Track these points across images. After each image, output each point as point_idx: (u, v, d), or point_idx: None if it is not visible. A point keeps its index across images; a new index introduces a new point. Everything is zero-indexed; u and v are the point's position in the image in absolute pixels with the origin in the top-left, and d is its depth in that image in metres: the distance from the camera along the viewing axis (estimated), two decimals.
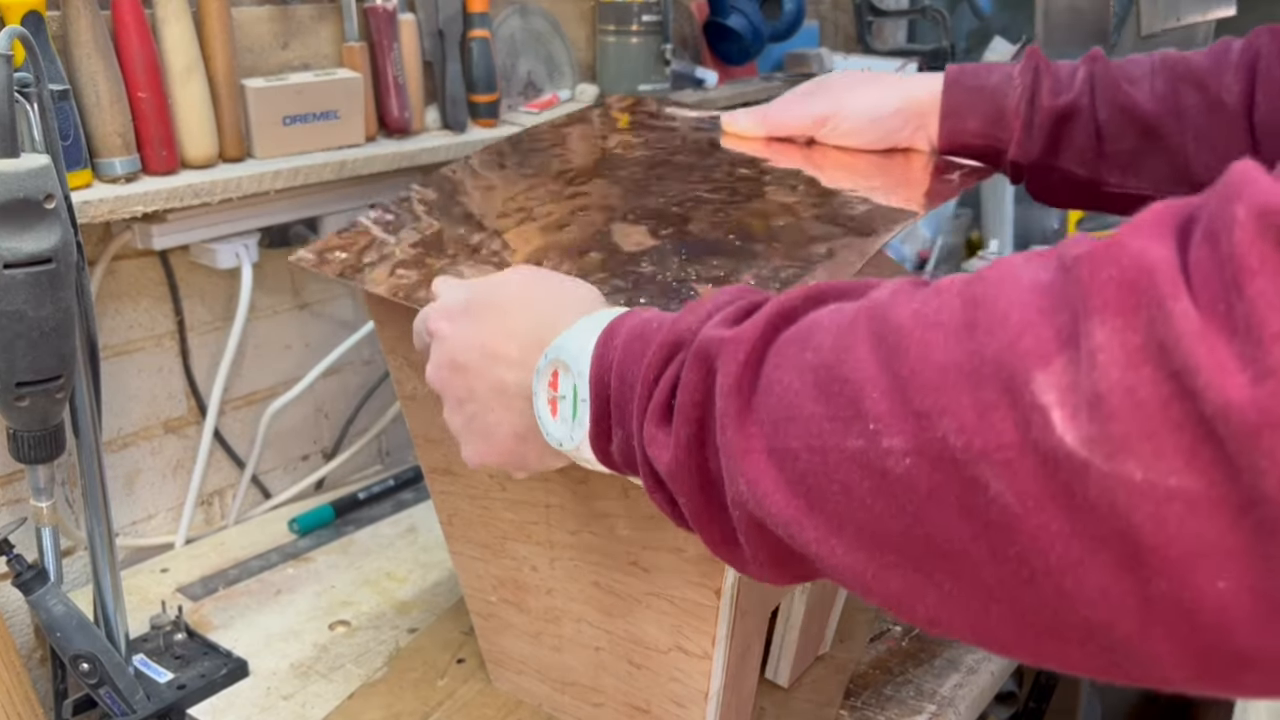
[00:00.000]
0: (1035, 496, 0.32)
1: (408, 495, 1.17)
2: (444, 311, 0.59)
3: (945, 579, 0.36)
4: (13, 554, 0.78)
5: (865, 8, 1.70)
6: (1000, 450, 0.32)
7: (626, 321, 0.51)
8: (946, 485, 0.34)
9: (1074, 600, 0.32)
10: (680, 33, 1.48)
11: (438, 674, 0.86)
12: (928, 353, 0.35)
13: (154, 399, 1.04)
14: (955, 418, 0.34)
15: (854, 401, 0.37)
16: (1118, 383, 0.30)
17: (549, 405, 0.53)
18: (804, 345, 0.40)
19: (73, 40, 0.86)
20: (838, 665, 0.86)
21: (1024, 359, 0.32)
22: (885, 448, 0.36)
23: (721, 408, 0.42)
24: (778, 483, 0.40)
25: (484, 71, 1.16)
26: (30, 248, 0.67)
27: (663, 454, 0.46)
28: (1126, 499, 0.30)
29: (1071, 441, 0.31)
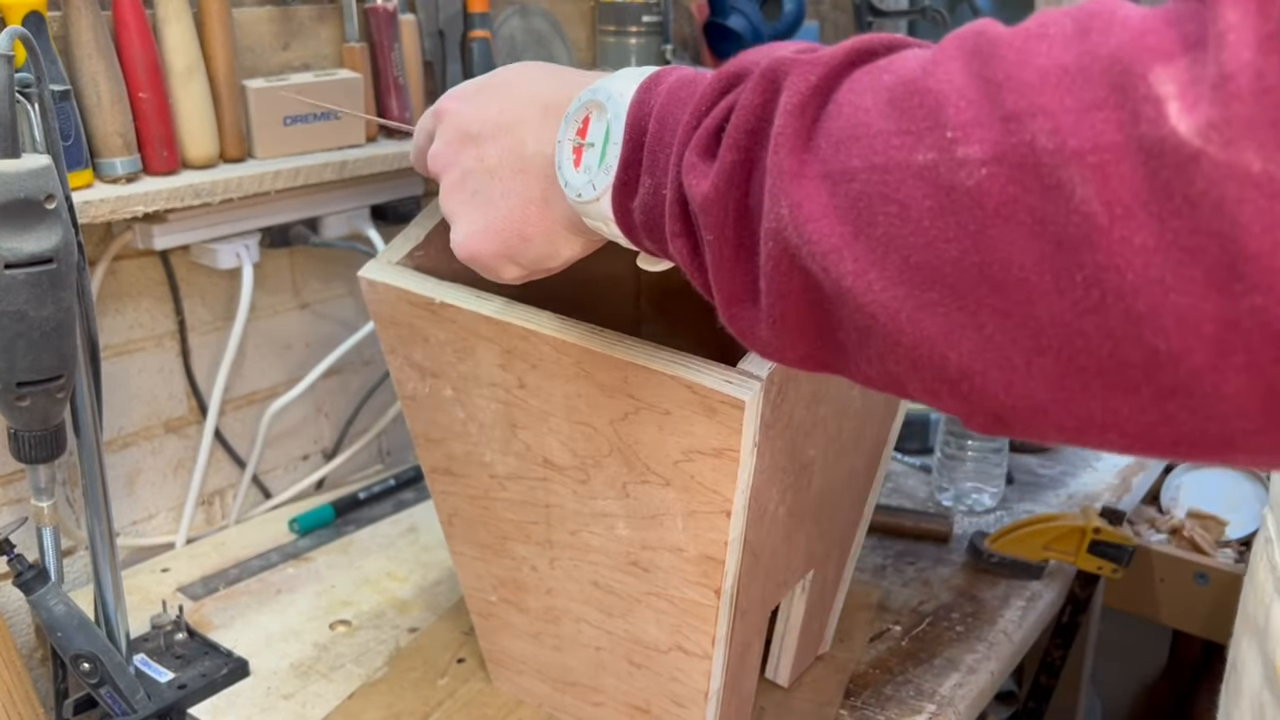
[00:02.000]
0: (1125, 202, 0.29)
1: (408, 495, 1.18)
2: (458, 93, 0.55)
3: (991, 318, 0.33)
4: (13, 554, 0.78)
5: (865, 8, 1.70)
6: (1097, 151, 0.30)
7: (676, 72, 0.47)
8: (1022, 196, 0.31)
9: (1143, 328, 0.30)
10: (680, 33, 1.48)
11: (438, 674, 0.86)
12: (1029, 58, 0.32)
13: (154, 399, 1.05)
14: (1051, 118, 0.31)
15: (933, 112, 0.33)
16: (1247, 64, 0.28)
17: (573, 154, 0.48)
18: (885, 70, 0.37)
19: (74, 40, 0.86)
20: (838, 665, 0.86)
21: (1144, 54, 0.30)
22: (960, 157, 0.32)
23: (780, 126, 0.38)
24: (826, 208, 0.36)
25: (484, 72, 1.16)
26: (31, 248, 0.67)
27: (701, 183, 0.41)
28: (1237, 192, 0.28)
29: (1185, 130, 0.28)
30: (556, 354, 0.64)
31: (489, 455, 0.73)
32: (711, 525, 0.63)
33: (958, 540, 1.06)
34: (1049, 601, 0.99)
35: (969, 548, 1.02)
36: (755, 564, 0.67)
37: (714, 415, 0.59)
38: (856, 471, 0.79)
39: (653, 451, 0.63)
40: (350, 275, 1.17)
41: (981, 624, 0.92)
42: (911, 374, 0.36)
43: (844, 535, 0.83)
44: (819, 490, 0.73)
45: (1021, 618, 0.94)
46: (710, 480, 0.62)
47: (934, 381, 0.35)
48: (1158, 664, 1.56)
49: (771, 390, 0.59)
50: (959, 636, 0.90)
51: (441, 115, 0.56)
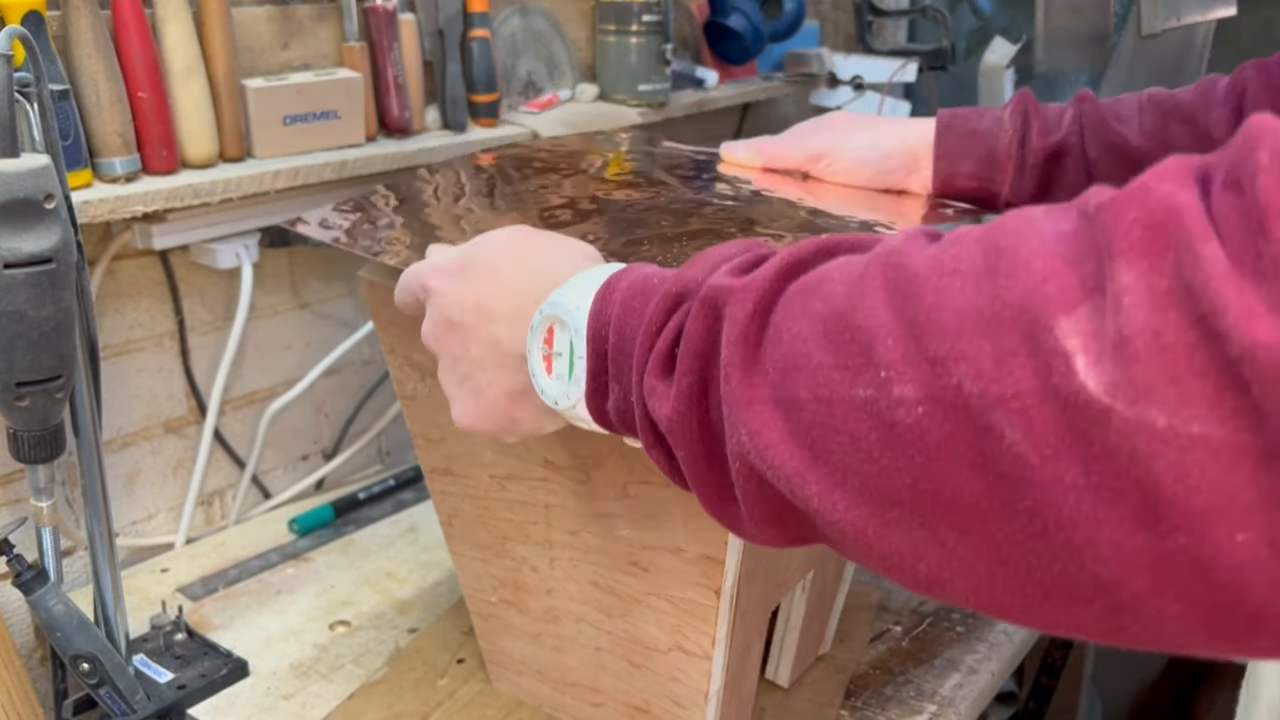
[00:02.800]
0: (1052, 445, 0.31)
1: (408, 495, 1.18)
2: (438, 270, 0.58)
3: (950, 535, 0.35)
4: (13, 554, 0.78)
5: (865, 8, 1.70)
6: (1018, 397, 0.31)
7: (626, 276, 0.49)
8: (958, 435, 0.33)
9: (1085, 556, 0.32)
10: (680, 33, 1.48)
11: (438, 674, 0.86)
12: (945, 299, 0.34)
13: (154, 399, 1.04)
14: (972, 364, 0.33)
15: (865, 349, 0.36)
16: (1144, 325, 0.29)
17: (544, 362, 0.52)
18: (814, 294, 0.39)
19: (73, 40, 0.86)
20: (838, 665, 0.86)
21: (1048, 304, 0.31)
22: (896, 396, 0.34)
23: (727, 356, 0.41)
24: (782, 434, 0.38)
25: (484, 71, 1.16)
26: (30, 248, 0.67)
27: (663, 406, 0.44)
28: (1148, 446, 0.29)
29: (1094, 387, 0.30)
30: None
31: (489, 455, 0.73)
32: (712, 525, 0.63)
33: None
34: None
35: None
36: (755, 564, 0.67)
37: None
38: None
39: None
40: (350, 275, 1.17)
41: (982, 624, 0.92)
42: (887, 574, 0.38)
43: None
44: None
45: None
46: None
47: (908, 583, 0.38)
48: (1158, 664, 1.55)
49: None
50: (959, 637, 0.90)
51: (428, 292, 0.58)
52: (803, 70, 1.63)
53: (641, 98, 1.32)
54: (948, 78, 1.70)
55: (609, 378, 0.49)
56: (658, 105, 1.34)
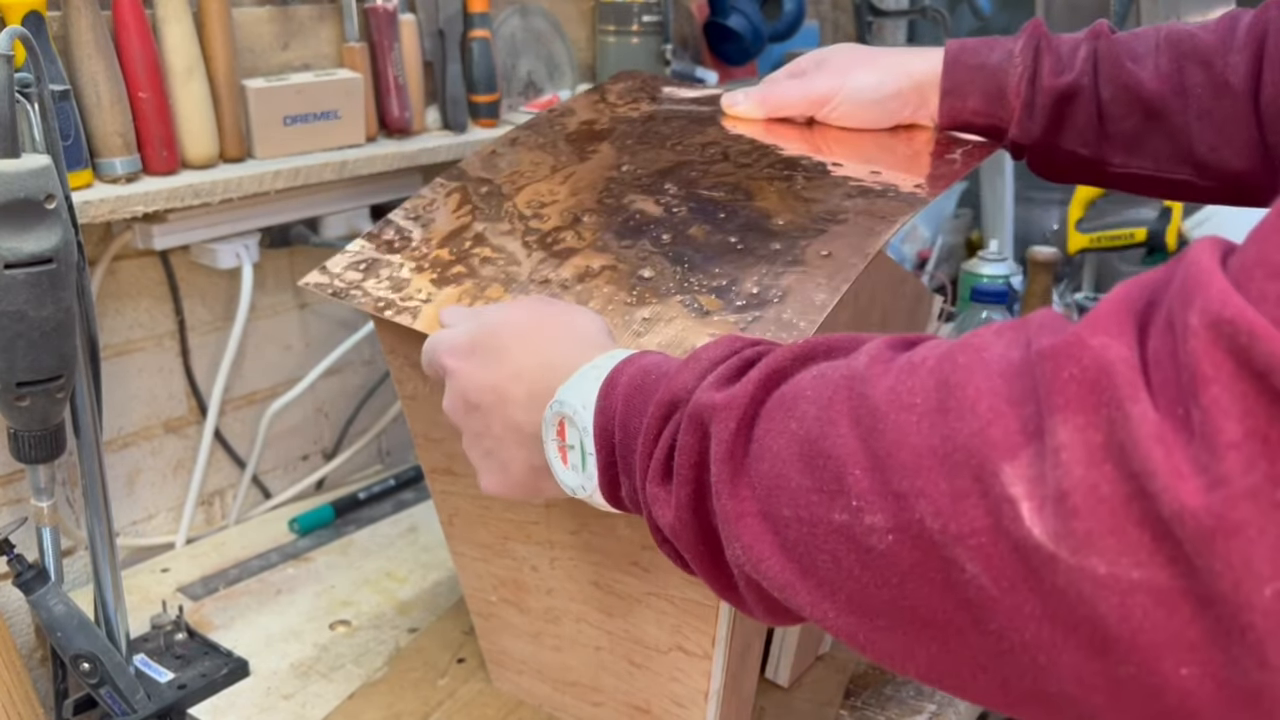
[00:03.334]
0: (1009, 580, 0.33)
1: (408, 495, 1.18)
2: (451, 349, 0.60)
3: (932, 644, 0.37)
4: (13, 554, 0.78)
5: (865, 8, 1.70)
6: (974, 535, 0.34)
7: (625, 372, 0.52)
8: (926, 563, 0.36)
9: (1049, 674, 0.34)
10: (680, 33, 1.48)
11: (438, 674, 0.86)
12: (903, 435, 0.37)
13: (154, 399, 1.05)
14: (931, 501, 0.35)
15: (837, 477, 0.39)
16: (1080, 480, 0.31)
17: (559, 453, 0.55)
18: (790, 413, 0.42)
19: (73, 40, 0.86)
20: (838, 665, 0.86)
21: (992, 449, 0.34)
22: (868, 524, 0.37)
23: (715, 474, 0.44)
24: (772, 547, 0.42)
25: (484, 71, 1.16)
26: (31, 248, 0.67)
27: (665, 513, 0.48)
28: (1092, 591, 0.31)
29: (1039, 534, 0.32)
30: None
31: None
32: None
33: None
34: None
35: None
36: None
37: None
38: None
39: None
40: None
41: None
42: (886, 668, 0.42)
43: None
44: None
45: None
46: None
47: (908, 676, 0.40)
48: None
49: None
50: None
51: (445, 371, 0.60)
52: None
53: None
54: None
55: (619, 472, 0.52)
56: None
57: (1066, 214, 1.53)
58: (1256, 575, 0.29)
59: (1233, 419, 0.29)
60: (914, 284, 0.83)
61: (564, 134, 0.83)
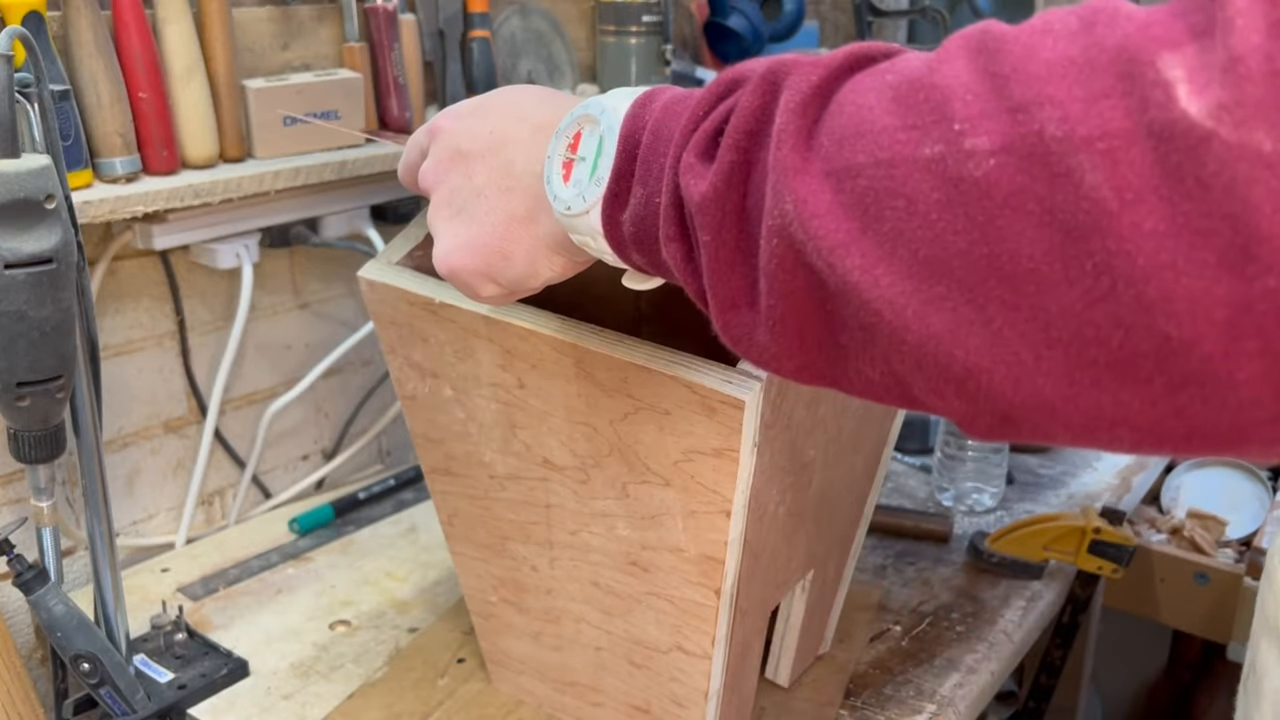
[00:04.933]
0: (1135, 189, 0.29)
1: (408, 495, 1.18)
2: (453, 111, 0.55)
3: (1000, 312, 0.33)
4: (13, 554, 0.78)
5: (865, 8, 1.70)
6: (1106, 137, 0.30)
7: (669, 90, 0.47)
8: (1031, 186, 0.31)
9: (1155, 315, 0.30)
10: (680, 33, 1.48)
11: (438, 674, 0.86)
12: (1035, 51, 0.32)
13: (154, 399, 1.05)
14: (1059, 107, 0.31)
15: (939, 106, 0.34)
16: (1257, 47, 0.28)
17: (563, 169, 0.48)
18: (888, 70, 0.37)
19: (73, 40, 0.86)
20: (838, 665, 0.86)
21: (1151, 43, 0.30)
22: (968, 149, 0.32)
23: (781, 124, 0.38)
24: (830, 204, 0.36)
25: (484, 71, 1.16)
26: (31, 248, 0.67)
27: (699, 183, 0.41)
28: (1249, 173, 0.28)
29: (1196, 112, 0.28)
30: (556, 354, 0.64)
31: (489, 455, 0.73)
32: (711, 525, 0.63)
33: (958, 540, 1.06)
34: (1049, 601, 0.99)
35: (969, 548, 1.02)
36: (755, 564, 0.67)
37: (714, 415, 0.59)
38: (856, 471, 0.79)
39: (653, 451, 0.63)
40: (350, 275, 1.17)
41: (982, 624, 0.92)
42: (916, 374, 0.36)
43: (844, 535, 0.83)
44: (819, 490, 0.73)
45: (1022, 618, 0.94)
46: (710, 480, 0.62)
47: (939, 381, 0.35)
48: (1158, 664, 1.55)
49: (771, 390, 0.59)
50: (959, 636, 0.90)
51: (436, 132, 0.56)
52: None
53: None
54: None
55: (634, 180, 0.46)
56: None
57: None
58: None
59: None
60: None
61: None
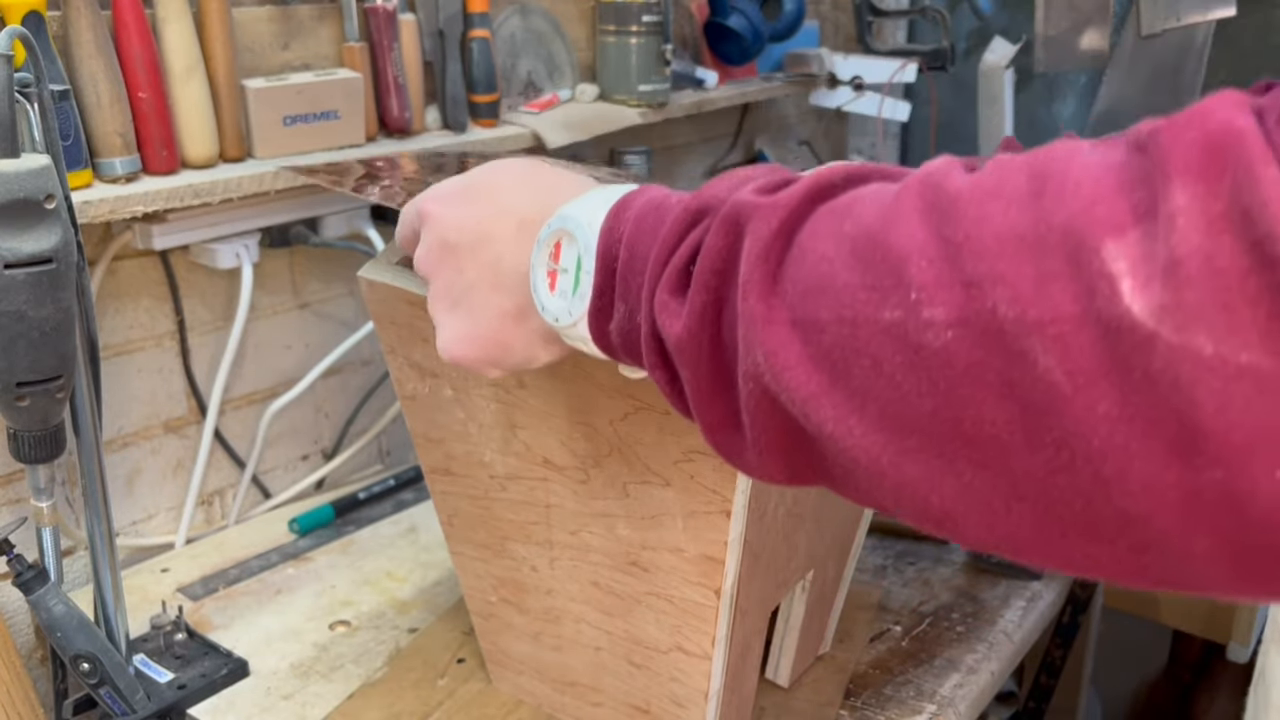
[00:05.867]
0: (1087, 373, 0.30)
1: (408, 495, 1.18)
2: (438, 195, 0.56)
3: (969, 468, 0.34)
4: (13, 554, 0.78)
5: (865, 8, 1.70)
6: (1056, 322, 0.30)
7: (642, 195, 0.48)
8: (988, 361, 0.32)
9: (1111, 490, 0.31)
10: (680, 33, 1.48)
11: (438, 674, 0.86)
12: (985, 221, 0.33)
13: (154, 399, 1.05)
14: (1010, 287, 0.31)
15: (896, 269, 0.34)
16: (1197, 249, 0.28)
17: (548, 278, 0.49)
18: (845, 216, 0.37)
19: (73, 40, 0.86)
20: (838, 665, 0.86)
21: (1095, 227, 0.30)
22: (925, 319, 0.33)
23: (746, 274, 0.39)
24: (800, 356, 0.37)
25: (484, 71, 1.16)
26: (30, 248, 0.67)
27: (674, 323, 0.43)
28: (1191, 374, 0.28)
29: (1139, 311, 0.29)
30: None
31: (489, 455, 0.73)
32: (711, 525, 0.63)
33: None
34: (1049, 601, 0.99)
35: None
36: (755, 564, 0.67)
37: None
38: None
39: (653, 451, 0.63)
40: (350, 275, 1.17)
41: (982, 624, 0.92)
42: (896, 509, 0.37)
43: (844, 535, 0.83)
44: (819, 490, 0.73)
45: (1022, 618, 0.94)
46: (710, 480, 0.62)
47: (919, 518, 0.36)
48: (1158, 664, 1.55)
49: None
50: (959, 637, 0.90)
51: (424, 217, 0.56)
52: (803, 71, 1.63)
53: (641, 98, 1.32)
54: (947, 78, 1.70)
55: (615, 296, 0.47)
56: (658, 105, 1.34)
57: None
58: None
59: None
60: None
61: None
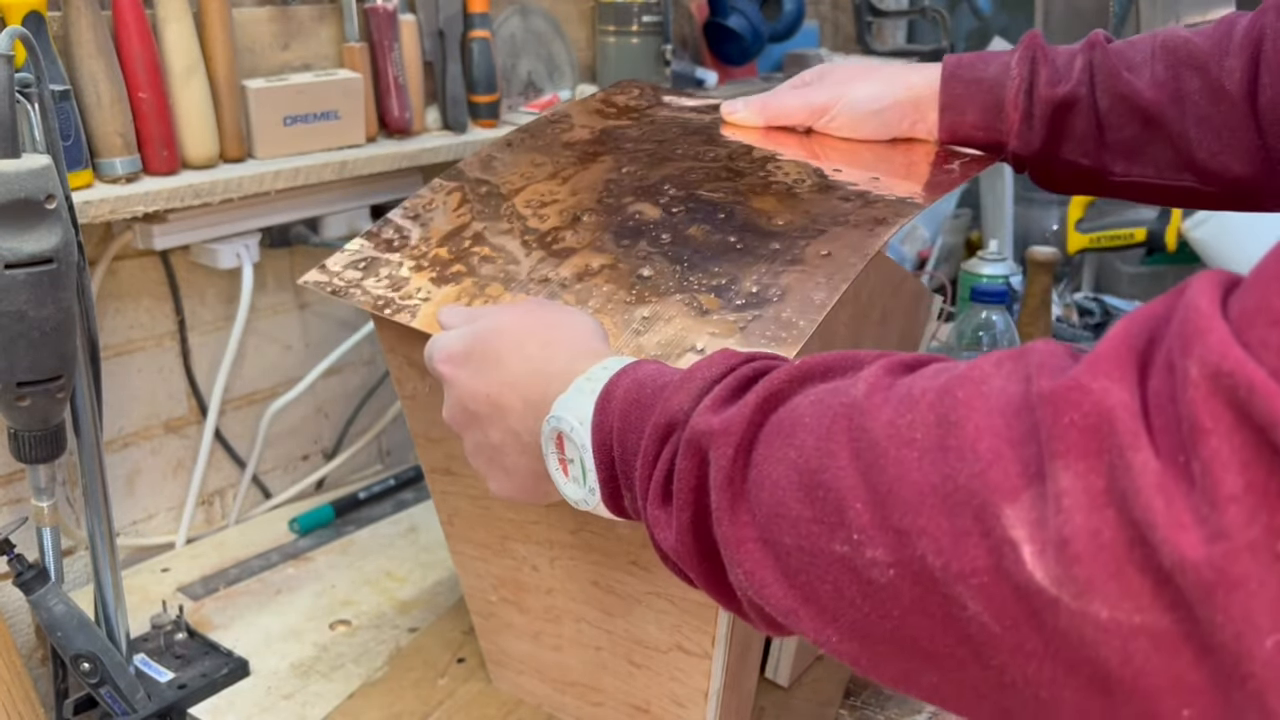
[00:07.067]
0: (1010, 619, 0.34)
1: (408, 495, 1.18)
2: (447, 357, 0.60)
3: (934, 673, 0.38)
4: (13, 554, 0.78)
5: (865, 8, 1.70)
6: (975, 575, 0.34)
7: (620, 385, 0.52)
8: (927, 599, 0.36)
9: (1050, 710, 0.34)
10: (680, 33, 1.48)
11: (438, 674, 0.86)
12: (904, 472, 0.37)
13: (154, 399, 1.05)
14: (933, 539, 0.35)
15: (838, 509, 0.38)
16: (1082, 526, 0.31)
17: (560, 465, 0.54)
18: (789, 441, 0.42)
19: (74, 40, 0.86)
20: (838, 665, 0.86)
21: (993, 491, 0.34)
22: (869, 558, 0.37)
23: (715, 501, 0.44)
24: (774, 573, 0.42)
25: (484, 72, 1.16)
26: (31, 248, 0.67)
27: (666, 535, 0.48)
28: (1094, 635, 0.32)
29: (1041, 578, 0.32)
30: None
31: None
32: None
33: None
34: None
35: None
36: None
37: None
38: None
39: None
40: None
41: None
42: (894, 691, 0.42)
43: None
44: None
45: None
46: None
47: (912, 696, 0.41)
48: None
49: None
50: None
51: (441, 378, 0.60)
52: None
53: None
54: None
55: (620, 485, 0.52)
56: None
57: (1066, 214, 1.53)
58: (1257, 628, 0.29)
59: (1232, 471, 0.29)
60: (914, 284, 0.83)
61: (561, 139, 0.83)
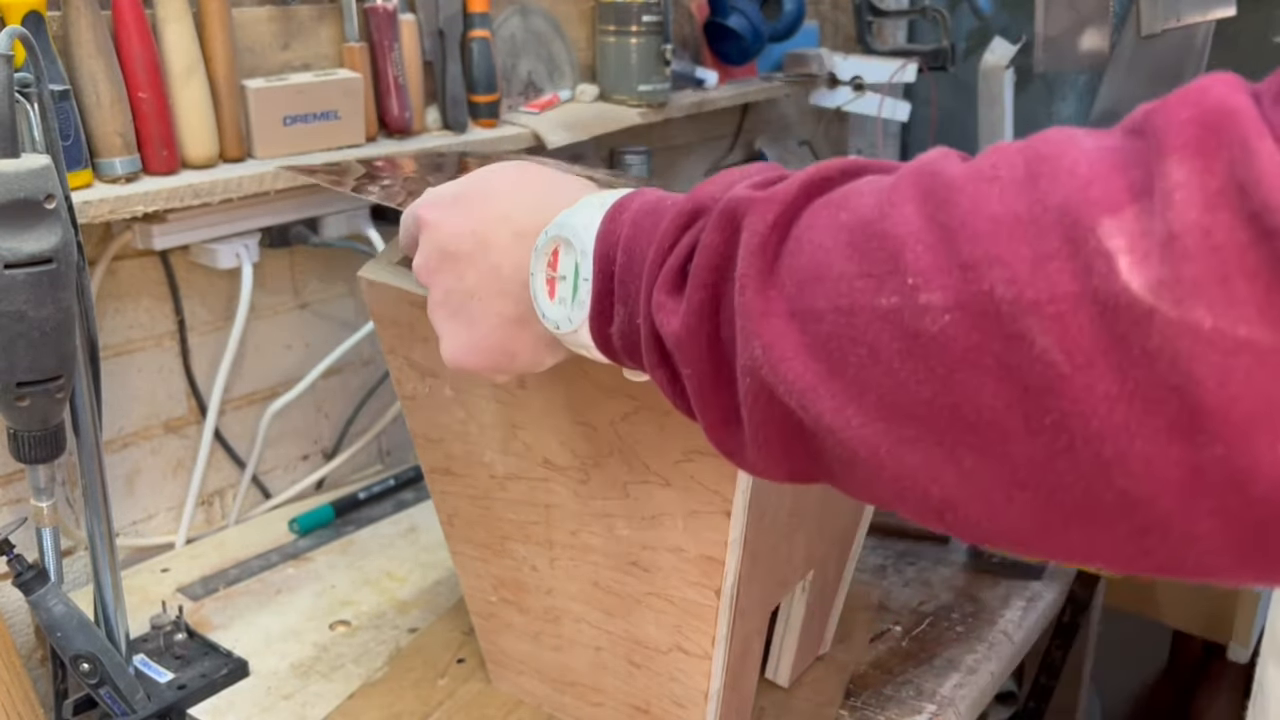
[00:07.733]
0: (1086, 352, 0.30)
1: (408, 495, 1.18)
2: (434, 201, 0.56)
3: (968, 455, 0.33)
4: (13, 554, 0.78)
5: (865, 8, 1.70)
6: (1054, 302, 0.30)
7: (638, 198, 0.48)
8: (986, 344, 0.32)
9: (1113, 472, 0.30)
10: (680, 33, 1.48)
11: (438, 674, 0.86)
12: (981, 205, 0.33)
13: (154, 399, 1.05)
14: (1006, 268, 0.31)
15: (893, 256, 0.34)
16: (1194, 224, 0.28)
17: (546, 286, 0.50)
18: (841, 206, 0.38)
19: (73, 40, 0.86)
20: (838, 665, 0.86)
21: (1092, 206, 0.30)
22: (922, 304, 0.33)
23: (743, 268, 0.39)
24: (797, 347, 0.37)
25: (484, 72, 1.16)
26: (31, 248, 0.67)
27: (671, 321, 0.43)
28: (1190, 349, 0.28)
29: (1137, 287, 0.29)
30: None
31: (489, 455, 0.73)
32: (712, 525, 0.63)
33: (958, 540, 1.06)
34: (1049, 601, 0.99)
35: (969, 548, 1.02)
36: (755, 564, 0.67)
37: None
38: None
39: (653, 451, 0.63)
40: (350, 275, 1.17)
41: (981, 624, 0.92)
42: (897, 501, 0.37)
43: (844, 535, 0.83)
44: (819, 490, 0.73)
45: (1022, 618, 0.94)
46: (710, 480, 0.62)
47: (919, 509, 0.36)
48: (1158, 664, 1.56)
49: None
50: (959, 637, 0.90)
51: (422, 224, 0.56)
52: (802, 71, 1.63)
53: (641, 98, 1.32)
54: (947, 78, 1.70)
55: (615, 300, 0.47)
56: (658, 105, 1.34)
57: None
58: None
59: None
60: None
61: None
